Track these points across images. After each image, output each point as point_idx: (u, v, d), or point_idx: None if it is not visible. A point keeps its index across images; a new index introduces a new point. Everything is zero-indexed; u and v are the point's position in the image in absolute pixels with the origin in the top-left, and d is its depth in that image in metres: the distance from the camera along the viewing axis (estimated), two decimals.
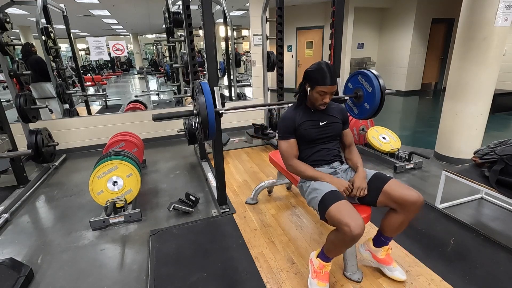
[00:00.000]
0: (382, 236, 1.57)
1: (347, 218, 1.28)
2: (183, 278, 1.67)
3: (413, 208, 1.39)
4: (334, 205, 1.35)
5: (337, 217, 1.32)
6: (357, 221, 1.27)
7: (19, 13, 5.09)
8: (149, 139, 4.24)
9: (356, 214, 1.31)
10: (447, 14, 7.40)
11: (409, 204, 1.38)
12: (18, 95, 2.90)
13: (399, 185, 1.44)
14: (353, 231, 1.24)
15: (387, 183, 1.45)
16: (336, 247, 1.42)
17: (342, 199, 1.39)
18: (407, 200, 1.37)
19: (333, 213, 1.34)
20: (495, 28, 2.69)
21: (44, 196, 2.86)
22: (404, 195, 1.38)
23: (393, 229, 1.51)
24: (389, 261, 1.60)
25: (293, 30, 8.27)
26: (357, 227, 1.25)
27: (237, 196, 2.64)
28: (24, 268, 1.75)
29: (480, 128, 3.03)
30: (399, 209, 1.43)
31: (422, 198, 1.39)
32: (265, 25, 3.59)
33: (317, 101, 1.53)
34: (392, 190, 1.42)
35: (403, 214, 1.43)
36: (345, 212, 1.31)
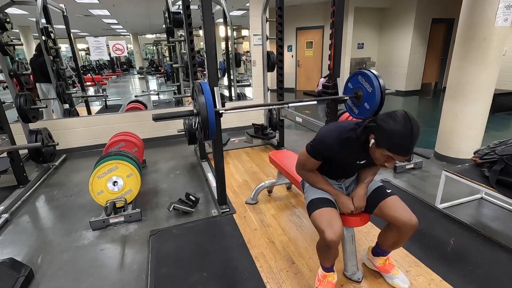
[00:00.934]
0: (379, 248, 1.58)
1: (324, 225, 1.30)
2: (183, 278, 1.67)
3: (404, 229, 1.35)
4: (317, 211, 1.38)
5: (316, 223, 1.35)
6: (334, 228, 1.29)
7: (19, 13, 5.08)
8: (149, 139, 4.24)
9: (335, 221, 1.32)
10: (447, 14, 7.40)
11: (401, 225, 1.35)
12: (18, 95, 2.90)
13: (396, 204, 1.38)
14: (326, 238, 1.27)
15: (385, 199, 1.41)
16: (321, 254, 1.45)
17: (328, 206, 1.39)
18: (398, 221, 1.34)
19: (314, 219, 1.37)
20: (495, 28, 2.69)
21: (44, 196, 2.86)
22: (396, 216, 1.35)
23: (388, 245, 1.51)
24: (388, 269, 1.59)
25: (293, 30, 8.27)
26: (330, 234, 1.27)
27: (237, 196, 2.64)
28: (24, 268, 1.75)
29: (480, 128, 3.03)
30: (393, 227, 1.41)
31: (415, 221, 1.33)
32: (265, 25, 3.59)
33: (379, 162, 1.26)
34: (387, 208, 1.39)
35: (397, 233, 1.40)
36: (324, 218, 1.33)
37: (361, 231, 2.01)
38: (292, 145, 3.99)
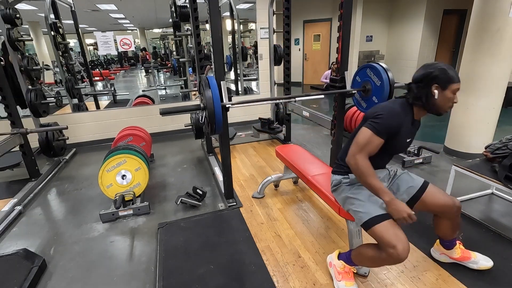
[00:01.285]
0: (446, 241, 1.59)
1: (394, 240, 1.23)
2: (191, 270, 1.70)
3: (451, 213, 1.43)
4: (380, 224, 1.28)
5: (384, 237, 1.26)
6: (405, 244, 1.23)
7: (28, 9, 5.13)
8: (156, 133, 4.27)
9: (403, 236, 1.25)
10: (459, 5, 7.19)
11: (447, 211, 1.43)
12: (29, 90, 2.95)
13: (435, 193, 1.46)
14: (400, 255, 1.21)
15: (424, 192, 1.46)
16: (372, 263, 1.40)
17: (389, 218, 1.31)
18: (443, 208, 1.43)
19: (379, 232, 1.28)
20: (509, 19, 2.61)
21: (55, 189, 2.93)
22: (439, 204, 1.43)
23: (449, 233, 1.54)
24: (468, 256, 1.60)
25: (300, 23, 8.17)
26: (404, 251, 1.22)
27: (243, 190, 2.65)
28: (37, 259, 1.80)
29: (491, 122, 2.96)
30: (441, 216, 1.48)
31: (458, 203, 1.43)
32: (272, 18, 3.56)
33: (449, 101, 1.33)
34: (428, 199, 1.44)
35: (448, 219, 1.47)
36: (392, 233, 1.25)
37: None
38: (299, 139, 3.97)
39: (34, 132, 2.91)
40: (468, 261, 1.60)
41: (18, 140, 2.84)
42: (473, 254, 1.60)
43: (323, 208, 2.29)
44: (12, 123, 2.82)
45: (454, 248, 1.60)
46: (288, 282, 1.59)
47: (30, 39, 3.13)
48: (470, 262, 1.59)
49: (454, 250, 1.60)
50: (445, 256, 1.65)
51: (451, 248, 1.60)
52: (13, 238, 2.15)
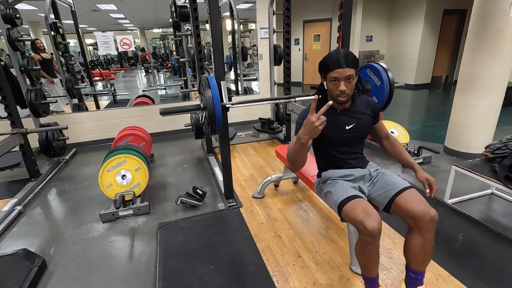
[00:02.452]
0: (410, 271, 1.35)
1: (361, 215, 1.20)
2: (191, 270, 1.70)
3: (422, 224, 1.23)
4: (348, 204, 1.29)
5: (351, 215, 1.25)
6: (372, 215, 1.19)
7: (28, 9, 5.13)
8: (156, 133, 4.28)
9: (371, 209, 1.23)
10: (459, 5, 7.19)
11: (417, 218, 1.24)
12: (29, 90, 2.95)
13: (413, 197, 1.30)
14: (367, 227, 1.16)
15: (400, 194, 1.32)
16: (365, 256, 1.28)
17: (358, 197, 1.30)
18: (415, 214, 1.24)
19: (347, 212, 1.28)
20: (509, 19, 2.61)
21: (56, 189, 2.93)
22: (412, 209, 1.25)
23: (417, 257, 1.30)
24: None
25: (300, 23, 8.16)
26: (371, 222, 1.16)
27: (243, 190, 2.65)
28: (37, 259, 1.80)
29: (492, 122, 2.96)
30: (411, 224, 1.29)
31: (433, 213, 1.23)
32: (272, 18, 3.56)
33: (333, 92, 1.33)
34: (402, 201, 1.30)
35: (419, 234, 1.27)
36: (358, 209, 1.24)
37: None
38: None
39: (34, 132, 2.91)
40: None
41: (18, 140, 2.84)
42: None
43: (323, 208, 2.29)
44: (12, 123, 2.82)
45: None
46: (288, 282, 1.59)
47: (30, 39, 3.13)
48: None
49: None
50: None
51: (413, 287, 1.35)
52: (13, 238, 2.15)
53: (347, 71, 1.27)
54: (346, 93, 1.31)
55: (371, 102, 1.52)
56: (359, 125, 1.43)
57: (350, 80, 1.30)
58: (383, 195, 1.39)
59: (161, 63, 9.31)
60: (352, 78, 1.30)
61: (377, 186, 1.45)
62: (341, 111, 1.43)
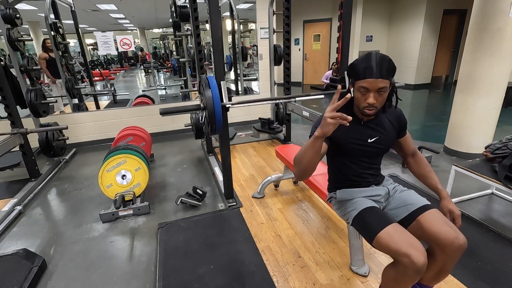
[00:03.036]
0: (418, 284, 1.25)
1: (405, 246, 1.03)
2: (191, 270, 1.70)
3: (449, 251, 1.09)
4: (384, 231, 1.10)
5: (391, 246, 1.06)
6: (418, 248, 1.03)
7: (28, 9, 5.14)
8: (156, 133, 4.28)
9: (413, 239, 1.06)
10: (459, 5, 7.19)
11: (444, 245, 1.09)
12: (29, 90, 2.95)
13: (437, 218, 1.15)
14: (416, 262, 1.00)
15: (423, 213, 1.18)
16: (396, 284, 1.12)
17: (392, 222, 1.13)
18: (441, 239, 1.09)
19: (384, 241, 1.08)
20: (509, 19, 2.61)
21: (55, 189, 2.93)
22: (438, 233, 1.10)
23: (430, 276, 1.19)
24: None
25: (300, 23, 8.17)
26: (419, 256, 1.00)
27: (243, 190, 2.65)
28: (37, 259, 1.80)
29: (492, 122, 2.96)
30: (434, 248, 1.14)
31: (462, 240, 1.08)
32: (272, 18, 3.56)
33: (360, 103, 1.16)
34: (426, 222, 1.14)
35: (441, 257, 1.12)
36: (400, 238, 1.06)
37: None
38: (299, 139, 3.97)
39: (34, 132, 2.91)
40: None
41: (18, 140, 2.84)
42: None
43: (323, 208, 2.29)
44: (12, 123, 2.82)
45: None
46: (288, 282, 1.59)
47: (30, 39, 3.13)
48: None
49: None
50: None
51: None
52: (13, 238, 2.15)
53: (379, 83, 1.09)
54: (375, 106, 1.13)
55: (399, 114, 1.35)
56: (382, 139, 1.27)
57: (382, 92, 1.12)
58: (400, 210, 1.25)
59: (161, 63, 9.32)
60: (384, 90, 1.11)
61: (394, 203, 1.31)
62: (365, 122, 1.26)
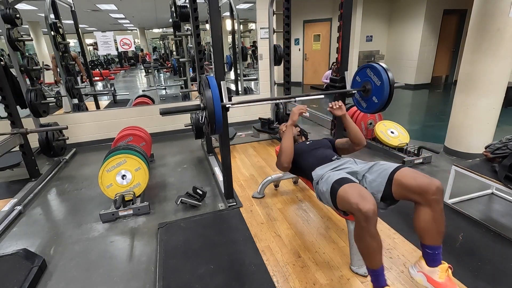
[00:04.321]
0: (427, 247, 1.27)
1: (355, 197, 1.19)
2: (191, 270, 1.70)
3: (430, 197, 1.21)
4: (341, 188, 1.31)
5: (345, 199, 1.25)
6: (367, 197, 1.18)
7: (29, 9, 5.14)
8: (156, 133, 4.28)
9: (365, 193, 1.22)
10: (460, 5, 7.19)
11: (424, 192, 1.22)
12: (29, 90, 2.95)
13: (411, 173, 1.31)
14: (362, 208, 1.14)
15: (397, 171, 1.34)
16: (363, 243, 1.22)
17: (351, 182, 1.34)
18: (421, 188, 1.22)
19: (341, 196, 1.30)
20: (509, 19, 2.61)
21: (55, 189, 2.93)
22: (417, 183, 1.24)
23: (431, 232, 1.24)
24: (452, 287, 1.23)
25: (300, 23, 8.17)
26: (366, 204, 1.15)
27: (243, 190, 2.65)
28: (37, 259, 1.80)
29: (492, 122, 2.96)
30: (417, 199, 1.26)
31: (437, 183, 1.22)
32: (272, 18, 3.56)
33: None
34: (403, 178, 1.30)
35: (427, 207, 1.23)
36: (353, 192, 1.24)
37: None
38: None
39: (34, 132, 2.91)
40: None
41: (18, 140, 2.84)
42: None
43: (323, 208, 2.29)
44: (12, 123, 2.82)
45: (438, 267, 1.24)
46: (288, 282, 1.59)
47: (30, 39, 3.13)
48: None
49: (437, 269, 1.24)
50: (422, 277, 1.28)
51: (434, 264, 1.25)
52: (13, 238, 2.15)
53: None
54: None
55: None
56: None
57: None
58: (379, 178, 1.39)
59: (161, 63, 9.32)
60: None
61: (371, 176, 1.45)
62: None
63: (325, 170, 1.60)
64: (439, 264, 1.25)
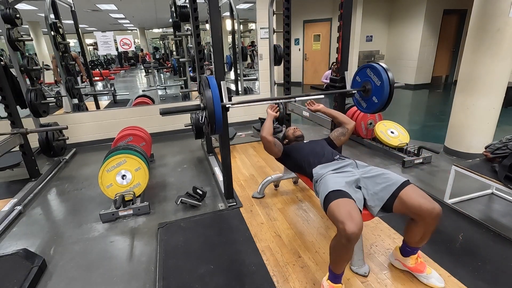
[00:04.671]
0: (407, 247, 1.52)
1: (343, 216, 1.24)
2: (191, 270, 1.70)
3: (429, 219, 1.32)
4: (334, 202, 1.33)
5: (335, 215, 1.28)
6: (355, 219, 1.22)
7: (29, 9, 5.14)
8: (156, 133, 4.28)
9: (355, 212, 1.26)
10: (460, 5, 7.19)
11: (424, 215, 1.31)
12: (29, 90, 2.95)
13: (416, 192, 1.37)
14: (347, 230, 1.19)
15: (403, 189, 1.38)
16: (336, 253, 1.35)
17: (347, 197, 1.35)
18: (422, 210, 1.31)
19: (331, 211, 1.32)
20: (509, 19, 2.61)
21: (55, 189, 2.93)
22: (419, 205, 1.32)
23: (416, 240, 1.45)
24: (422, 269, 1.52)
25: (300, 23, 8.16)
26: (351, 226, 1.19)
27: (244, 190, 2.65)
28: (37, 259, 1.80)
29: (492, 122, 2.96)
30: (416, 218, 1.37)
31: (438, 209, 1.31)
32: (272, 18, 3.55)
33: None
34: (407, 197, 1.35)
35: (423, 225, 1.36)
36: (343, 210, 1.27)
37: (368, 226, 2.01)
38: None
39: (34, 132, 2.91)
40: (419, 273, 1.52)
41: (18, 140, 2.84)
42: (427, 269, 1.51)
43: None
44: (12, 123, 2.82)
45: (410, 257, 1.53)
46: (288, 282, 1.59)
47: (30, 39, 3.12)
48: (422, 275, 1.52)
49: (409, 258, 1.54)
50: (399, 263, 1.60)
51: (407, 255, 1.54)
52: (13, 238, 2.15)
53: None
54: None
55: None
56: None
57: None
58: (382, 192, 1.42)
59: (160, 63, 9.32)
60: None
61: (374, 188, 1.47)
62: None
63: (326, 171, 1.62)
64: (412, 255, 1.53)
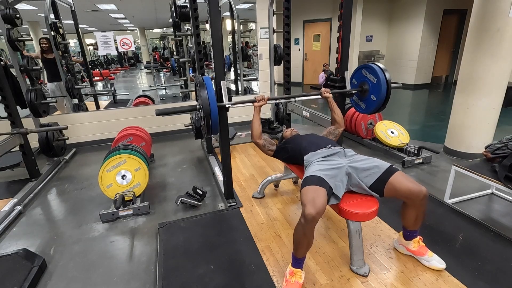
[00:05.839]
0: (407, 231, 1.64)
1: (307, 200, 1.36)
2: (191, 270, 1.70)
3: (417, 200, 1.46)
4: (306, 187, 1.46)
5: (302, 197, 1.42)
6: (316, 204, 1.33)
7: (29, 9, 5.14)
8: (156, 133, 4.27)
9: (319, 199, 1.37)
10: (460, 5, 7.19)
11: (413, 197, 1.46)
12: (29, 90, 2.95)
13: (404, 178, 1.51)
14: (305, 211, 1.31)
15: (393, 175, 1.52)
16: (296, 235, 1.44)
17: (319, 185, 1.45)
18: (411, 193, 1.45)
19: (302, 193, 1.45)
20: (509, 19, 2.61)
21: (56, 189, 2.93)
22: (408, 188, 1.46)
23: (412, 222, 1.58)
24: (423, 252, 1.63)
25: (300, 23, 8.17)
26: (310, 209, 1.31)
27: (243, 190, 2.65)
28: (37, 259, 1.80)
29: (492, 122, 2.96)
30: (407, 202, 1.52)
31: (425, 190, 1.45)
32: (272, 18, 3.56)
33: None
34: (396, 183, 1.49)
35: (413, 207, 1.50)
36: (310, 195, 1.40)
37: (368, 226, 2.01)
38: None
39: (34, 132, 2.91)
40: (421, 256, 1.64)
41: (18, 140, 2.84)
42: (429, 253, 1.63)
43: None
44: (12, 123, 2.82)
45: (412, 240, 1.66)
46: None
47: (30, 39, 3.13)
48: (424, 258, 1.63)
49: (411, 242, 1.66)
50: (403, 247, 1.72)
51: (409, 239, 1.66)
52: (13, 238, 2.15)
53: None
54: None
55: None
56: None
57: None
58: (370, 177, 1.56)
59: (160, 63, 9.32)
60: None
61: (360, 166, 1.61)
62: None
63: (316, 158, 1.73)
64: (413, 239, 1.65)
